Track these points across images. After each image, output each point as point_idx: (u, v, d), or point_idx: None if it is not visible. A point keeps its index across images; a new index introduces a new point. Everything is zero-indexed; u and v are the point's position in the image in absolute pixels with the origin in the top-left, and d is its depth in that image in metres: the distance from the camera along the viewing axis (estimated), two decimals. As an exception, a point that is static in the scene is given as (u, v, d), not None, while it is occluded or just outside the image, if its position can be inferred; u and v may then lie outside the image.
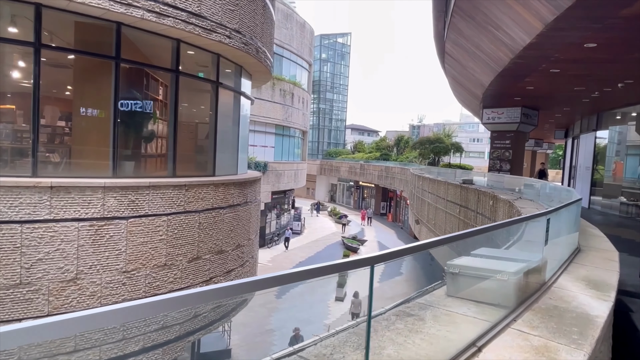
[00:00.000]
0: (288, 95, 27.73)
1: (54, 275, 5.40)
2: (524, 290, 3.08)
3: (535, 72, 9.18)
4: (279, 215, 29.68)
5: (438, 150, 32.40)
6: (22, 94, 5.56)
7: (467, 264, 2.65)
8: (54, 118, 5.92)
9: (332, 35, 60.24)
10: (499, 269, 2.74)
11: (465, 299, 2.57)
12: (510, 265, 2.85)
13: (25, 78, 5.55)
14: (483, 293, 2.61)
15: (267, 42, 8.73)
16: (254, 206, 9.04)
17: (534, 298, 3.33)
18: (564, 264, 4.52)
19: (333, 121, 62.35)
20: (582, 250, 5.38)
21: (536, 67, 8.74)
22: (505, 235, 3.31)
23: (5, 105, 5.63)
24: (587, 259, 4.98)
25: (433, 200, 15.01)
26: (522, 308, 3.05)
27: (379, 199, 47.44)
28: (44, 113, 5.66)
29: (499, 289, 2.67)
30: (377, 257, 1.96)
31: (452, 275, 2.65)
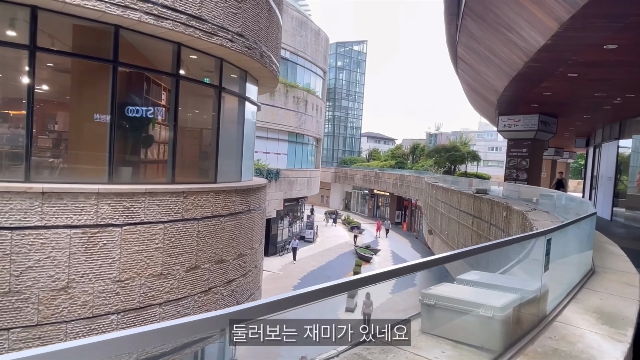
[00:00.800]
0: (302, 102, 27.64)
1: (44, 284, 5.25)
2: (517, 328, 2.62)
3: (551, 77, 8.74)
4: (291, 223, 29.46)
5: (454, 158, 31.77)
6: (16, 98, 5.46)
7: (446, 293, 2.29)
8: (49, 122, 5.82)
9: (348, 43, 60.27)
10: (481, 302, 2.34)
11: (443, 337, 2.23)
12: (496, 297, 2.42)
13: (20, 81, 5.45)
14: (464, 331, 2.24)
15: (273, 47, 8.55)
16: (258, 214, 8.81)
17: (530, 337, 2.81)
18: (573, 289, 3.98)
19: (348, 129, 62.13)
20: (597, 273, 4.79)
21: (552, 71, 8.31)
22: (501, 256, 2.92)
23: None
24: (602, 283, 4.38)
25: (446, 210, 14.55)
26: (512, 352, 2.53)
27: (393, 208, 46.83)
28: (39, 117, 5.56)
29: (483, 327, 2.27)
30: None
31: (427, 308, 2.31)
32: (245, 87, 8.52)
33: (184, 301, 6.70)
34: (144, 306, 6.13)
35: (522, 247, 3.45)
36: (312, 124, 29.57)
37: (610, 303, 3.62)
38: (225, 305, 7.58)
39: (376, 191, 48.88)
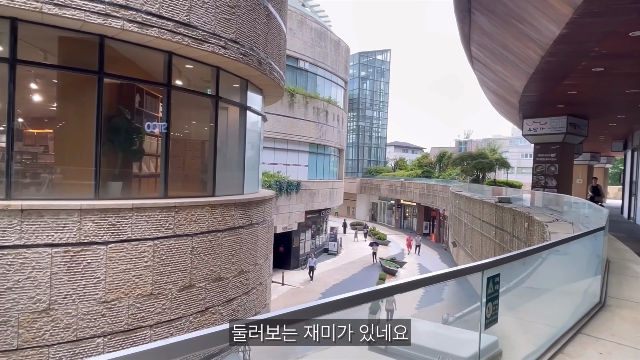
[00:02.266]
0: (322, 113, 27.36)
1: (24, 306, 5.00)
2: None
3: (574, 73, 7.94)
4: (314, 235, 28.99)
5: (481, 166, 30.55)
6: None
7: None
8: (31, 137, 5.65)
9: (371, 53, 59.97)
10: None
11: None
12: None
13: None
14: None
15: (274, 53, 8.23)
16: (263, 228, 8.42)
17: None
18: (566, 335, 2.92)
19: (373, 139, 61.47)
20: (607, 307, 3.58)
21: (574, 66, 7.52)
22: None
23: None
24: (609, 324, 3.17)
25: (469, 221, 13.72)
26: None
27: (421, 218, 45.60)
28: (21, 131, 5.39)
29: None
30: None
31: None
32: (246, 96, 8.21)
33: (178, 322, 6.33)
34: (132, 328, 5.80)
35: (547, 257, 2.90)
36: (334, 135, 29.21)
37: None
38: (225, 325, 7.18)
39: (403, 201, 47.83)
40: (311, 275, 23.95)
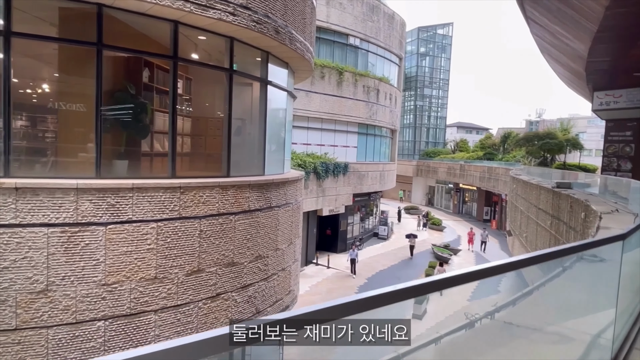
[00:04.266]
0: (373, 91, 26.20)
1: (21, 286, 4.90)
2: None
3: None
4: (363, 219, 28.27)
5: (548, 147, 27.76)
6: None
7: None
8: (29, 113, 5.49)
9: (432, 27, 56.75)
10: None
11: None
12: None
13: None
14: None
15: (295, 22, 7.53)
16: (285, 211, 7.91)
17: None
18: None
19: (432, 119, 58.73)
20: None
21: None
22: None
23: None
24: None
25: (525, 208, 12.24)
26: None
27: (481, 204, 43.04)
28: (18, 107, 5.23)
29: None
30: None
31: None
32: (267, 70, 7.62)
33: (185, 308, 6.04)
34: (135, 312, 5.58)
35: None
36: (386, 115, 27.95)
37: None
38: (239, 313, 6.82)
39: (462, 185, 45.39)
40: (353, 269, 21.50)
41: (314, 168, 20.45)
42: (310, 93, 21.94)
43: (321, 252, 24.08)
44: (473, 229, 30.77)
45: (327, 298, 18.36)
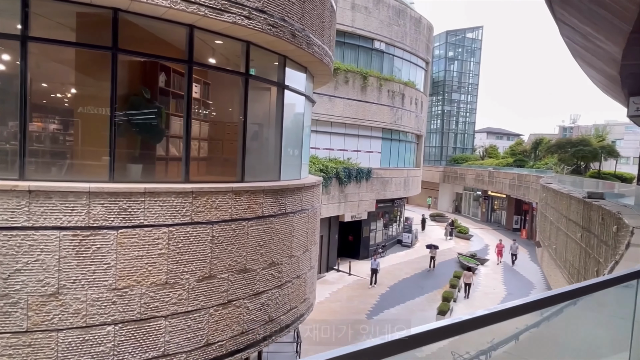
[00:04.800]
0: (398, 96, 25.84)
1: (33, 288, 4.92)
2: None
3: None
4: (386, 225, 27.82)
5: (582, 154, 26.57)
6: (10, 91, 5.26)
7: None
8: (44, 116, 5.55)
9: (460, 31, 55.72)
10: None
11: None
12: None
13: (11, 73, 5.24)
14: None
15: (313, 25, 7.40)
16: (301, 217, 7.76)
17: None
18: None
19: (460, 124, 57.52)
20: None
21: None
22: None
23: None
24: None
25: (555, 218, 11.63)
26: None
27: (511, 212, 41.71)
28: (34, 111, 5.30)
29: None
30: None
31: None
32: (284, 74, 7.52)
33: (196, 314, 5.96)
34: (145, 318, 5.53)
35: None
36: (411, 120, 27.50)
37: None
38: (252, 321, 6.70)
39: (490, 192, 44.14)
40: (374, 279, 20.77)
41: (336, 173, 20.27)
42: (333, 98, 21.81)
43: (342, 259, 23.82)
44: (502, 241, 28.92)
45: (347, 306, 18.09)
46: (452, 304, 18.11)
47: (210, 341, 6.17)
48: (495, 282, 23.11)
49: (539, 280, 23.79)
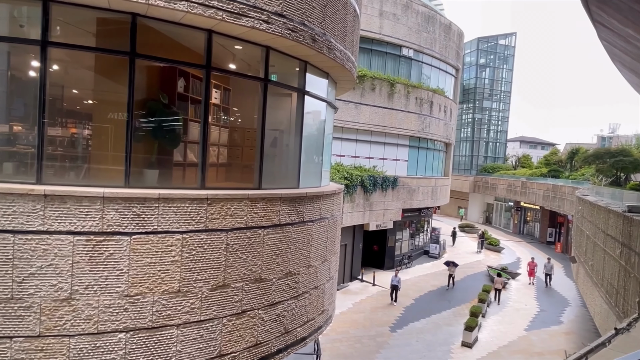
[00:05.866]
0: (426, 103, 25.34)
1: (46, 293, 4.91)
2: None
3: None
4: (413, 235, 27.19)
5: (622, 165, 25.17)
6: (29, 95, 5.31)
7: None
8: (62, 121, 5.58)
9: (492, 38, 54.43)
10: None
11: None
12: None
13: (30, 78, 5.30)
14: None
15: (335, 30, 7.23)
16: (320, 226, 7.54)
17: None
18: None
19: (492, 132, 55.98)
20: None
21: None
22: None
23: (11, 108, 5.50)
24: None
25: (592, 233, 10.89)
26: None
27: (545, 224, 40.05)
28: (52, 116, 5.33)
29: None
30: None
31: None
32: (305, 80, 7.37)
33: (209, 324, 5.82)
34: (157, 326, 5.44)
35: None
36: (439, 127, 26.89)
37: None
38: (267, 332, 6.51)
39: (523, 203, 42.57)
40: (394, 296, 19.32)
41: (361, 181, 19.96)
42: (360, 105, 21.58)
43: (367, 268, 23.38)
44: (534, 259, 26.28)
45: (370, 317, 17.66)
46: (481, 319, 17.38)
47: (223, 352, 6.01)
48: (527, 298, 22.08)
49: (574, 297, 22.58)
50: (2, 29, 5.44)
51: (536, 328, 17.68)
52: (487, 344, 15.52)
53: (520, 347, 15.46)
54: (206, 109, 6.00)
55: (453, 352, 14.80)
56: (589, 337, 16.97)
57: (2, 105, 5.64)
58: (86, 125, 5.87)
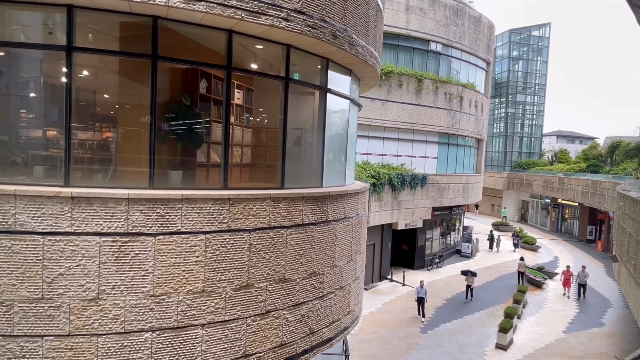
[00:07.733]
0: (456, 99, 24.70)
1: (74, 293, 5.03)
2: None
3: None
4: (444, 234, 26.58)
5: (669, 158, 23.66)
6: (56, 99, 5.45)
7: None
8: (87, 124, 5.70)
9: (525, 29, 52.52)
10: None
11: None
12: None
13: (58, 82, 5.43)
14: None
15: (356, 25, 7.08)
16: (345, 226, 7.43)
17: None
18: None
19: (526, 127, 54.06)
20: None
21: None
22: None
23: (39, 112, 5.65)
24: None
25: (634, 230, 10.22)
26: None
27: (584, 222, 38.30)
28: (78, 120, 5.45)
29: None
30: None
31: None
32: (327, 77, 7.26)
33: (233, 324, 5.82)
34: (182, 326, 5.48)
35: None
36: (470, 123, 26.16)
37: None
38: (291, 332, 6.45)
39: (560, 200, 40.87)
40: (421, 310, 17.30)
41: (389, 179, 19.66)
42: (386, 102, 21.27)
43: (396, 268, 23.03)
44: (570, 267, 22.13)
45: (400, 318, 17.36)
46: (516, 320, 16.75)
47: (248, 352, 5.99)
48: (565, 299, 21.14)
49: (617, 298, 21.43)
50: (33, 36, 5.64)
51: (575, 330, 16.88)
52: (522, 346, 14.94)
53: (558, 350, 14.79)
54: (227, 110, 5.99)
55: (487, 355, 14.31)
56: (633, 341, 16.03)
57: (37, 111, 5.84)
58: (111, 128, 5.98)
